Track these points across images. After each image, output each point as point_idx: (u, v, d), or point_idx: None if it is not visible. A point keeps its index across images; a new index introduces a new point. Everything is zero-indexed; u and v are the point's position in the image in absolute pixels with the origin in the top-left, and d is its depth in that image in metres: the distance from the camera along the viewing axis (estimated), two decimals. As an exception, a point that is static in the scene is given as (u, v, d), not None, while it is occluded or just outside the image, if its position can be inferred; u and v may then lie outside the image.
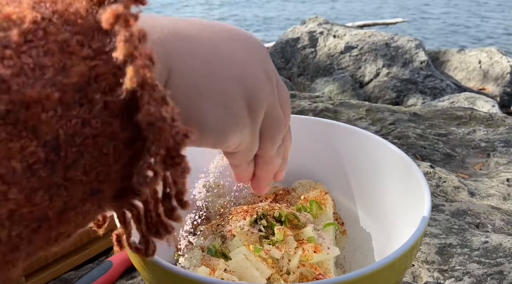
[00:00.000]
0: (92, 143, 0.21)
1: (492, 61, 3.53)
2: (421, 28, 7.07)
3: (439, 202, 0.81)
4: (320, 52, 3.64)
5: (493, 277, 0.62)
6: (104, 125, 0.21)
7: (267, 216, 0.49)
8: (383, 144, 0.52)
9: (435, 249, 0.68)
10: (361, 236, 0.55)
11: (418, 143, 1.06)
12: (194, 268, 0.46)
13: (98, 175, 0.21)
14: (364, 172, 0.55)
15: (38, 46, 0.20)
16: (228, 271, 0.44)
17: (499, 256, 0.66)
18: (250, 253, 0.45)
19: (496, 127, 1.18)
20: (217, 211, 0.55)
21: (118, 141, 0.21)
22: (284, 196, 0.56)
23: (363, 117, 1.22)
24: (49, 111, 0.19)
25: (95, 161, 0.21)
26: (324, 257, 0.47)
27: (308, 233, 0.49)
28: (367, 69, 3.44)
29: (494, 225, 0.75)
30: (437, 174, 0.88)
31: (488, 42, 6.14)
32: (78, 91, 0.20)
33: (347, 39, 3.61)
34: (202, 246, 0.50)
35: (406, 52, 3.42)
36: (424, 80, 3.29)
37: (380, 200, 0.53)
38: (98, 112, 0.21)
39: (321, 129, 0.57)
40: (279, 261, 0.46)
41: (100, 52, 0.21)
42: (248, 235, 0.47)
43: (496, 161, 1.02)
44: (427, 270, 0.64)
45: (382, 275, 0.36)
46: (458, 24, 7.35)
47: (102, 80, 0.21)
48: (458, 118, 1.23)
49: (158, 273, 0.37)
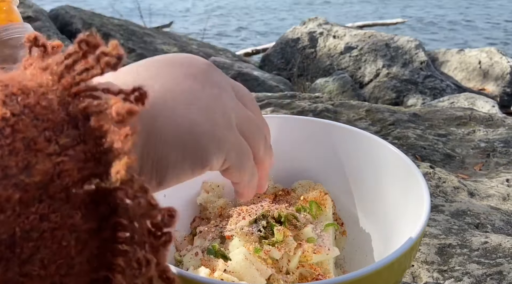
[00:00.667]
0: (50, 237, 0.20)
1: (492, 62, 3.53)
2: (421, 29, 7.07)
3: (438, 202, 0.81)
4: (320, 53, 3.64)
5: (492, 277, 0.62)
6: (64, 219, 0.20)
7: (266, 217, 0.49)
8: (382, 144, 0.52)
9: (435, 250, 0.68)
10: (361, 237, 0.55)
11: (418, 143, 1.06)
12: (194, 269, 0.46)
13: (58, 269, 0.21)
14: (364, 172, 0.55)
15: (3, 145, 0.20)
16: (228, 272, 0.44)
17: (498, 257, 0.66)
18: (250, 254, 0.45)
19: (496, 127, 1.18)
20: (216, 212, 0.55)
21: (80, 232, 0.21)
22: (283, 197, 0.56)
23: (363, 118, 1.23)
24: (7, 211, 0.19)
25: (54, 254, 0.20)
26: (323, 257, 0.47)
27: (307, 233, 0.49)
28: (367, 69, 3.44)
29: (493, 225, 0.75)
30: (436, 174, 0.89)
31: (488, 43, 6.14)
32: (40, 189, 0.20)
33: (347, 40, 3.61)
34: (202, 247, 0.50)
35: (406, 52, 3.42)
36: (424, 80, 3.29)
37: (380, 200, 0.53)
38: (58, 207, 0.20)
39: (321, 130, 0.57)
40: (279, 262, 0.46)
41: (67, 148, 0.21)
42: (247, 236, 0.47)
43: (496, 161, 1.02)
44: (426, 271, 0.64)
45: (382, 275, 0.36)
46: (458, 24, 7.35)
47: (66, 176, 0.20)
48: (458, 118, 1.23)
49: (158, 274, 0.37)
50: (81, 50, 0.23)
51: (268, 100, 1.33)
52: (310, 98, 1.37)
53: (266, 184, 0.40)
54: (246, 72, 3.25)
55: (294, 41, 3.76)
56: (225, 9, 8.59)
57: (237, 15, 8.14)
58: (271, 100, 1.33)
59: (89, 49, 0.23)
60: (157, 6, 8.35)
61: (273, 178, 0.59)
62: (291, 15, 8.02)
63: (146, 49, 3.34)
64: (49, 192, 0.20)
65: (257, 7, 8.73)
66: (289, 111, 1.26)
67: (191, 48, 3.66)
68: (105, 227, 0.22)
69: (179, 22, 7.40)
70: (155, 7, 7.77)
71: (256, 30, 7.11)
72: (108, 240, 0.22)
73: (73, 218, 0.21)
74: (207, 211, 0.56)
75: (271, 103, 1.31)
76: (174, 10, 8.50)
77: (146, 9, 5.90)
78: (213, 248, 0.47)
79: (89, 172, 0.21)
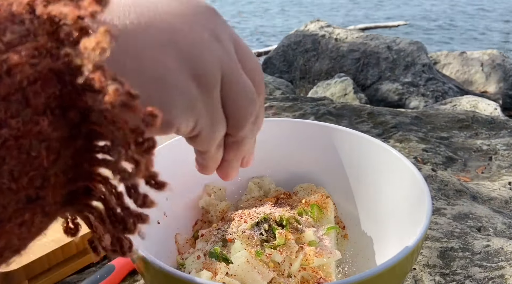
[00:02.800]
0: (15, 145, 0.18)
1: (494, 64, 3.53)
2: (423, 31, 7.07)
3: (440, 205, 0.81)
4: (322, 55, 3.64)
5: (494, 281, 0.62)
6: (28, 125, 0.19)
7: (268, 220, 0.49)
8: (384, 147, 0.52)
9: (437, 253, 0.68)
10: (362, 240, 0.55)
11: (420, 146, 1.06)
12: (196, 272, 0.47)
13: (32, 181, 0.19)
14: (365, 175, 0.55)
15: None
16: (230, 275, 0.44)
17: (500, 260, 0.66)
18: (252, 257, 0.45)
19: (498, 130, 1.18)
20: (218, 215, 0.55)
21: (51, 141, 0.19)
22: (285, 200, 0.56)
23: (365, 121, 1.23)
24: None
25: (24, 166, 0.19)
26: (325, 260, 0.47)
27: (309, 236, 0.49)
28: (369, 72, 3.44)
29: (495, 228, 0.75)
30: (438, 177, 0.88)
31: (491, 45, 6.14)
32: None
33: (349, 42, 3.61)
34: (204, 250, 0.50)
35: (408, 55, 3.42)
36: (426, 83, 3.29)
37: (381, 203, 0.53)
38: (17, 111, 0.18)
39: (323, 133, 0.57)
40: (281, 265, 0.46)
41: (14, 45, 0.19)
42: (249, 239, 0.47)
43: (498, 164, 1.02)
44: (428, 274, 0.64)
45: (383, 278, 0.36)
46: (460, 27, 7.35)
47: (16, 72, 0.18)
48: (460, 121, 1.23)
49: (160, 277, 0.37)
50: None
51: (270, 103, 1.34)
52: (312, 101, 1.37)
53: (234, 173, 0.34)
54: (248, 75, 3.25)
55: (296, 44, 3.76)
56: (226, 12, 8.61)
57: (238, 18, 8.16)
58: (273, 103, 1.33)
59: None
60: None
61: (275, 181, 0.60)
62: (293, 18, 8.03)
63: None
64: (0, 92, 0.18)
65: (258, 10, 8.75)
66: (291, 114, 1.26)
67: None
68: (77, 135, 0.20)
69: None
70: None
71: (258, 33, 7.12)
72: (83, 149, 0.21)
73: (39, 125, 0.19)
74: (209, 214, 0.56)
75: (273, 106, 1.31)
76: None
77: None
78: (215, 251, 0.47)
79: (46, 68, 0.19)
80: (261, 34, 6.89)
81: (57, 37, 0.20)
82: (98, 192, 0.21)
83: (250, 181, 0.59)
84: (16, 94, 0.18)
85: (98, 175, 0.21)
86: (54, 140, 0.19)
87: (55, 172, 0.20)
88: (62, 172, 0.20)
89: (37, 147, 0.19)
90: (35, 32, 0.19)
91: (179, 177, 0.54)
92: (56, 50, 0.20)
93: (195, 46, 0.25)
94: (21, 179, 0.19)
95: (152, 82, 0.24)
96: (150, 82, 0.24)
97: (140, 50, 0.24)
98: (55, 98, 0.19)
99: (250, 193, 0.58)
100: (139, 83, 0.23)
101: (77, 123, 0.20)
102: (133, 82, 0.20)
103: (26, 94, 0.19)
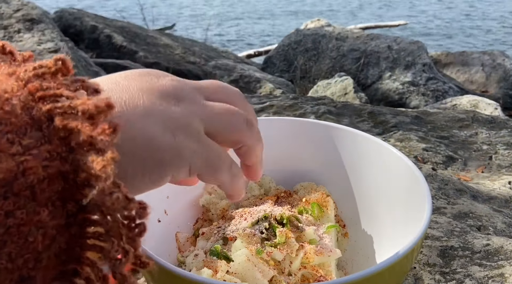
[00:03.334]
0: (17, 232, 0.21)
1: (495, 64, 3.53)
2: (423, 31, 7.06)
3: (441, 204, 0.81)
4: (322, 55, 3.64)
5: (494, 279, 0.62)
6: (30, 215, 0.21)
7: (269, 218, 0.49)
8: (384, 146, 0.53)
9: (437, 252, 0.68)
10: (363, 238, 0.55)
11: (420, 146, 1.06)
12: (197, 270, 0.47)
13: (26, 262, 0.21)
14: (366, 174, 0.55)
15: None
16: (230, 273, 0.44)
17: (500, 259, 0.66)
18: (252, 255, 0.45)
19: (499, 130, 1.18)
20: (219, 213, 0.56)
21: (47, 228, 0.22)
22: (285, 198, 0.56)
23: (365, 120, 1.23)
24: None
25: (21, 249, 0.21)
26: (325, 259, 0.47)
27: (309, 235, 0.49)
28: (370, 71, 3.44)
29: (495, 227, 0.75)
30: (439, 177, 0.89)
31: (491, 45, 6.13)
32: (4, 186, 0.21)
33: (350, 42, 3.61)
34: (204, 248, 0.50)
35: (408, 54, 3.42)
36: (426, 82, 3.29)
37: (382, 202, 0.53)
38: (24, 204, 0.21)
39: (323, 132, 0.58)
40: (281, 263, 0.46)
41: (30, 148, 0.22)
42: (250, 237, 0.47)
43: (498, 164, 1.02)
44: (428, 273, 0.64)
45: (383, 277, 0.37)
46: (460, 27, 7.34)
47: (30, 174, 0.21)
48: (460, 120, 1.23)
49: (161, 275, 0.37)
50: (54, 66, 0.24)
51: (270, 102, 1.34)
52: (313, 100, 1.37)
53: (261, 171, 0.39)
54: (248, 74, 3.26)
55: (297, 43, 3.76)
56: (228, 11, 8.60)
57: (239, 17, 8.15)
58: (273, 102, 1.34)
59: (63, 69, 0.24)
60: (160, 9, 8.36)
61: (275, 179, 0.60)
62: (294, 17, 8.02)
63: (149, 51, 3.35)
64: (13, 190, 0.21)
65: (259, 9, 8.74)
66: (292, 113, 1.26)
67: (194, 50, 3.66)
68: (73, 223, 0.23)
69: (181, 24, 7.41)
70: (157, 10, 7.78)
71: (259, 32, 7.12)
72: (77, 235, 0.23)
73: (40, 215, 0.21)
74: (209, 213, 0.56)
75: (273, 105, 1.31)
76: (176, 13, 8.51)
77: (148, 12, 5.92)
78: (216, 249, 0.47)
79: (55, 170, 0.22)
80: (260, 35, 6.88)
81: (68, 143, 0.23)
82: (85, 273, 0.24)
83: (251, 180, 0.59)
84: (26, 191, 0.21)
85: (87, 258, 0.23)
86: (50, 228, 0.22)
87: (48, 255, 0.22)
88: (55, 254, 0.23)
89: (35, 233, 0.21)
90: (49, 137, 0.22)
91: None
92: (66, 154, 0.23)
93: (168, 114, 0.30)
94: (17, 260, 0.21)
95: (143, 148, 0.28)
96: (140, 148, 0.28)
97: (128, 122, 0.28)
98: (57, 192, 0.22)
99: (251, 192, 0.58)
100: (132, 149, 0.28)
101: (74, 213, 0.23)
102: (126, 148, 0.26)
103: (35, 191, 0.21)
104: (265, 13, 8.37)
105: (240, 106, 0.35)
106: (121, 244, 0.23)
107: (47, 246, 0.22)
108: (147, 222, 0.24)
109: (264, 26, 7.50)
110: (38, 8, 2.84)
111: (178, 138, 0.30)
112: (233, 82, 3.17)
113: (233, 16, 8.19)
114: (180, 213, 0.55)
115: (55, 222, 0.22)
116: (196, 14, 8.45)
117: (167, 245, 0.52)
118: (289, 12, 8.50)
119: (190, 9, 8.92)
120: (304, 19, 5.97)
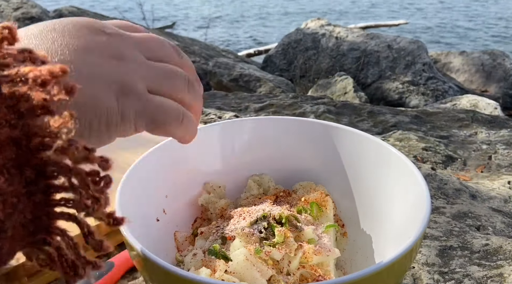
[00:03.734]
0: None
1: (495, 63, 3.53)
2: (423, 30, 7.06)
3: (440, 204, 0.81)
4: (322, 54, 3.64)
5: (493, 279, 0.62)
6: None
7: (267, 218, 0.49)
8: (384, 146, 0.52)
9: (436, 251, 0.68)
10: (362, 238, 0.55)
11: (420, 145, 1.06)
12: (195, 269, 0.47)
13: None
14: (365, 174, 0.55)
15: None
16: (229, 272, 0.44)
17: (499, 259, 0.66)
18: (251, 255, 0.45)
19: (498, 129, 1.18)
20: (218, 213, 0.55)
21: (6, 196, 0.22)
22: (284, 198, 0.56)
23: (365, 119, 1.23)
24: None
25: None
26: (324, 258, 0.47)
27: (308, 234, 0.49)
28: (369, 71, 3.44)
29: (495, 227, 0.75)
30: (438, 176, 0.89)
31: (492, 44, 6.13)
32: None
33: (350, 41, 3.61)
34: (203, 247, 0.50)
35: (408, 54, 3.42)
36: (426, 82, 3.29)
37: (381, 202, 0.53)
38: None
39: (322, 132, 0.57)
40: (280, 263, 0.46)
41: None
42: (248, 237, 0.47)
43: (498, 163, 1.02)
44: (427, 272, 0.64)
45: (382, 277, 0.36)
46: (461, 26, 7.34)
47: None
48: (460, 120, 1.23)
49: (159, 274, 0.37)
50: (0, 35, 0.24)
51: (270, 101, 1.34)
52: (312, 100, 1.37)
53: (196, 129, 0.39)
54: (248, 73, 3.26)
55: (297, 42, 3.76)
56: (228, 10, 8.60)
57: (239, 16, 8.15)
58: (273, 101, 1.34)
59: (9, 37, 0.24)
60: (160, 9, 8.36)
61: (274, 179, 0.60)
62: (294, 16, 8.02)
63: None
64: None
65: (259, 8, 8.74)
66: (291, 112, 1.26)
67: (194, 48, 3.66)
68: (35, 191, 0.22)
69: (181, 23, 7.41)
70: (157, 8, 7.78)
71: (259, 31, 7.11)
72: (42, 203, 0.23)
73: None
74: (208, 212, 0.56)
75: (273, 105, 1.31)
76: (176, 13, 8.51)
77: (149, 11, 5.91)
78: (214, 249, 0.47)
79: (4, 136, 0.22)
80: (261, 34, 6.88)
81: (17, 110, 0.22)
82: (55, 242, 0.24)
83: (250, 179, 0.59)
84: None
85: (56, 227, 0.23)
86: (10, 196, 0.21)
87: (13, 224, 0.22)
88: (21, 225, 0.22)
89: None
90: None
91: (179, 174, 0.54)
92: (15, 121, 0.22)
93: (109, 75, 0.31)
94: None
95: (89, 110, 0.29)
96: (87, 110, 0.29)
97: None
98: (11, 160, 0.22)
99: (250, 191, 0.58)
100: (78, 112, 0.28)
101: (33, 180, 0.22)
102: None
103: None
104: (265, 13, 8.37)
105: (179, 64, 0.36)
106: (90, 193, 0.23)
107: (9, 215, 0.22)
108: (111, 173, 0.23)
109: (264, 26, 7.50)
110: (38, 6, 2.84)
111: (121, 101, 0.30)
112: (233, 81, 3.17)
113: (233, 15, 8.19)
114: (179, 212, 0.55)
115: (12, 188, 0.22)
116: (196, 13, 8.44)
117: (166, 244, 0.52)
118: (289, 12, 8.50)
119: (191, 8, 8.92)
120: (304, 19, 5.97)
